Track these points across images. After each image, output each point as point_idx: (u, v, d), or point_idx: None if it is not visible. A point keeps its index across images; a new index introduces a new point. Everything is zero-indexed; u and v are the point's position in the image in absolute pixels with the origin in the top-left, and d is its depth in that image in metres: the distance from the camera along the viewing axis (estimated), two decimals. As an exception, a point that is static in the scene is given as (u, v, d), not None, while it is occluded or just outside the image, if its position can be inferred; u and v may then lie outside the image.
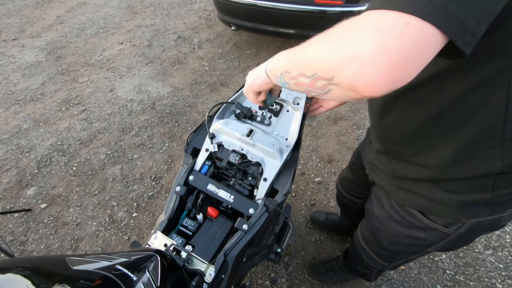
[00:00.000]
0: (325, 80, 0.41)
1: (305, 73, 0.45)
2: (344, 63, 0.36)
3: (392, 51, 0.33)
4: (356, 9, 2.32)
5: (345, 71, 0.36)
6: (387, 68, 0.33)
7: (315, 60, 0.42)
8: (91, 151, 2.23)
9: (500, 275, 1.55)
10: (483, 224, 0.68)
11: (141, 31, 3.57)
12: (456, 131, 0.56)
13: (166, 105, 2.59)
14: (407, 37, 0.32)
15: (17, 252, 1.69)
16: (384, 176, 0.79)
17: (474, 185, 0.60)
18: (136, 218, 1.84)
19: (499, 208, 0.64)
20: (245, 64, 3.02)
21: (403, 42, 0.32)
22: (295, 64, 0.48)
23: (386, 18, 0.33)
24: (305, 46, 0.46)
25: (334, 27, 0.40)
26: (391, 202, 0.80)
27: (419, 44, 0.33)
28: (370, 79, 0.35)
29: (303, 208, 1.87)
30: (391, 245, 0.89)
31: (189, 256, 0.72)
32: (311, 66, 0.43)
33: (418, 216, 0.73)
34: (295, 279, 1.57)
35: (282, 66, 0.53)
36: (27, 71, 2.97)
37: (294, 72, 0.48)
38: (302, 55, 0.46)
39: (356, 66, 0.35)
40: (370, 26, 0.34)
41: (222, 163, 0.90)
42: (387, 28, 0.33)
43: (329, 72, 0.39)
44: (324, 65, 0.40)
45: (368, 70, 0.34)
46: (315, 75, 0.43)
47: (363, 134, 2.30)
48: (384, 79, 0.34)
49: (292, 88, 0.53)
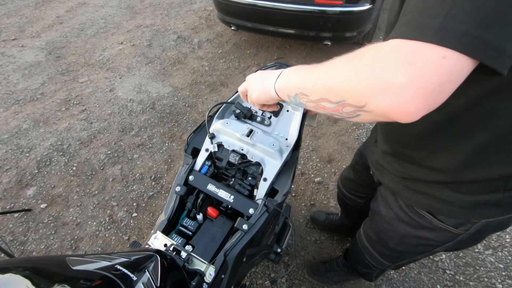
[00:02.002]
0: (355, 107, 0.40)
1: (330, 99, 0.44)
2: (377, 93, 0.36)
3: (428, 83, 0.33)
4: (356, 9, 2.31)
5: (379, 101, 0.36)
6: (423, 98, 0.34)
7: (342, 87, 0.41)
8: (91, 151, 2.23)
9: (500, 275, 1.55)
10: (493, 224, 0.67)
11: (141, 31, 3.57)
12: (469, 136, 0.55)
13: (166, 105, 2.59)
14: (443, 70, 0.33)
15: (17, 252, 1.69)
16: (391, 177, 0.78)
17: (486, 186, 0.59)
18: (136, 218, 1.84)
19: (510, 208, 0.63)
20: (245, 64, 3.02)
21: (439, 75, 0.33)
22: (316, 88, 0.46)
23: (422, 51, 0.33)
24: (327, 69, 0.45)
25: (360, 52, 0.40)
26: (399, 202, 0.79)
27: (454, 75, 0.33)
28: (406, 109, 0.35)
29: (303, 208, 1.87)
30: (397, 245, 0.88)
31: (189, 256, 0.72)
32: (337, 93, 0.42)
33: (427, 216, 0.72)
34: (295, 279, 1.57)
35: (297, 88, 0.51)
36: (27, 71, 2.97)
37: (314, 96, 0.47)
38: (325, 79, 0.44)
39: (390, 96, 0.35)
40: (403, 57, 0.34)
41: (222, 163, 0.90)
42: (423, 61, 0.33)
43: (361, 101, 0.39)
44: (355, 93, 0.39)
45: (403, 100, 0.34)
46: (343, 102, 0.42)
47: (363, 134, 2.30)
48: (419, 108, 0.35)
49: (309, 108, 0.51)
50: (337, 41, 2.65)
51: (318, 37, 2.59)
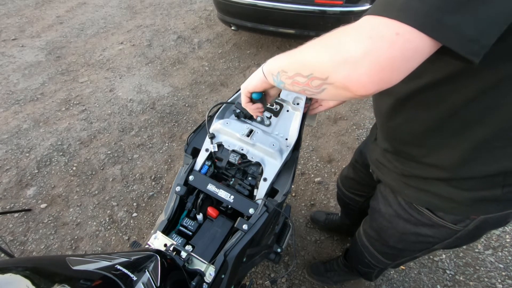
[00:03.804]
0: (320, 80, 0.43)
1: (302, 72, 0.47)
2: (338, 65, 0.39)
3: (381, 57, 0.35)
4: (356, 9, 2.32)
5: (339, 72, 0.39)
6: (376, 71, 0.36)
7: (311, 61, 0.44)
8: (91, 151, 2.23)
9: (500, 275, 1.55)
10: (491, 221, 0.68)
11: (141, 31, 3.57)
12: (467, 132, 0.55)
13: (166, 105, 2.59)
14: (395, 46, 0.34)
15: (17, 252, 1.69)
16: (391, 174, 0.79)
17: (485, 182, 0.60)
18: (136, 218, 1.84)
19: (509, 204, 0.64)
20: (245, 64, 3.02)
21: (391, 51, 0.34)
22: (292, 64, 0.50)
23: (381, 26, 0.35)
24: (303, 47, 0.48)
25: (333, 31, 0.42)
26: (398, 200, 0.79)
27: (407, 53, 0.35)
28: (361, 80, 0.37)
29: (303, 208, 1.87)
30: (397, 243, 0.89)
31: (189, 256, 0.72)
32: (307, 66, 0.45)
33: (426, 213, 0.73)
34: (295, 279, 1.57)
35: (279, 66, 0.55)
36: (27, 71, 2.97)
37: (291, 71, 0.50)
38: (300, 56, 0.48)
39: (348, 68, 0.37)
40: (364, 32, 0.36)
41: (222, 163, 0.90)
42: (379, 36, 0.35)
43: (324, 73, 0.42)
44: (320, 65, 0.42)
45: (359, 72, 0.37)
46: (311, 75, 0.45)
47: (363, 134, 2.30)
48: (373, 81, 0.37)
49: (287, 87, 0.54)
50: (337, 41, 2.64)
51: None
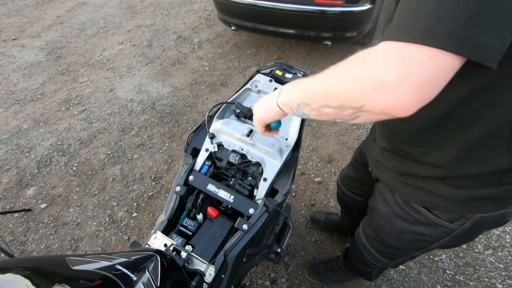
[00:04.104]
0: (354, 109, 0.43)
1: (330, 104, 0.46)
2: (373, 93, 0.39)
3: (418, 80, 0.36)
4: (356, 9, 2.31)
5: (376, 100, 0.39)
6: (414, 94, 0.37)
7: (339, 91, 0.44)
8: (91, 151, 2.23)
9: (500, 275, 1.55)
10: (487, 220, 0.69)
11: (141, 31, 3.57)
12: (463, 131, 0.56)
13: (166, 105, 2.59)
14: (430, 68, 0.36)
15: (17, 252, 1.69)
16: (389, 173, 0.79)
17: (481, 181, 0.61)
18: (136, 218, 1.84)
19: (504, 203, 0.64)
20: (245, 64, 3.02)
21: (427, 73, 0.36)
22: (315, 97, 0.50)
23: (409, 51, 0.36)
24: (322, 77, 0.47)
25: (352, 57, 0.42)
26: (396, 198, 0.80)
27: (441, 72, 0.36)
28: (401, 104, 0.38)
29: (303, 208, 1.87)
30: (394, 241, 0.89)
31: (189, 256, 0.72)
32: (335, 98, 0.45)
33: (423, 211, 0.74)
34: (295, 279, 1.57)
35: (298, 99, 0.54)
36: (27, 71, 2.97)
37: (315, 104, 0.50)
38: (323, 86, 0.48)
39: (386, 95, 0.38)
40: (392, 58, 0.37)
41: (222, 163, 0.90)
42: (411, 61, 0.36)
43: (359, 102, 0.41)
44: (352, 95, 0.42)
45: (397, 98, 0.37)
46: (342, 105, 0.44)
47: (363, 134, 2.30)
48: (413, 102, 0.38)
49: (312, 118, 0.54)
50: (337, 41, 2.65)
51: (318, 37, 2.59)
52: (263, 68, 1.12)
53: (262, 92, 1.05)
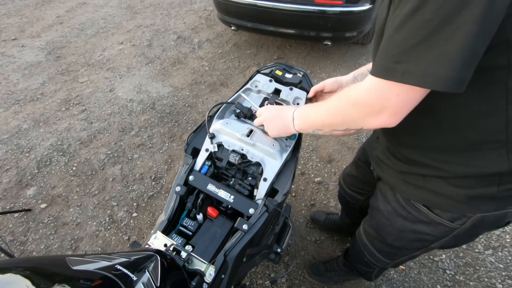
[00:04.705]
0: (356, 129, 0.64)
1: (338, 128, 0.68)
2: (367, 119, 0.59)
3: (393, 110, 0.54)
4: (356, 9, 2.31)
5: (370, 123, 0.59)
6: (393, 116, 0.55)
7: (344, 122, 0.65)
8: (91, 151, 2.23)
9: (500, 275, 1.55)
10: (487, 220, 0.69)
11: (141, 31, 3.57)
12: (460, 135, 0.59)
13: (166, 105, 2.59)
14: (399, 103, 0.52)
15: (17, 252, 1.69)
16: (390, 171, 0.80)
17: (481, 180, 0.62)
18: (136, 218, 1.84)
19: (505, 203, 0.65)
20: (245, 64, 3.02)
21: (408, 103, 0.52)
22: (326, 126, 0.70)
23: (384, 89, 0.52)
24: (329, 112, 0.68)
25: (348, 95, 0.62)
26: (397, 196, 0.81)
27: (410, 101, 0.52)
28: (386, 122, 0.56)
29: (303, 208, 1.87)
30: (395, 241, 0.89)
31: (189, 256, 0.72)
32: (342, 125, 0.66)
33: (423, 210, 0.74)
34: (295, 279, 1.57)
35: (313, 127, 0.74)
36: (27, 71, 2.97)
37: (326, 129, 0.71)
38: (330, 120, 0.68)
39: (375, 119, 0.57)
40: (375, 95, 0.54)
41: (222, 163, 0.90)
42: (385, 98, 0.53)
43: (358, 125, 0.62)
44: (353, 123, 0.63)
45: (383, 119, 0.56)
46: (347, 129, 0.66)
47: (363, 134, 2.30)
48: (395, 120, 0.56)
49: (326, 135, 0.76)
50: (337, 41, 2.65)
51: (318, 37, 2.59)
52: (263, 68, 1.12)
53: (262, 92, 1.05)
